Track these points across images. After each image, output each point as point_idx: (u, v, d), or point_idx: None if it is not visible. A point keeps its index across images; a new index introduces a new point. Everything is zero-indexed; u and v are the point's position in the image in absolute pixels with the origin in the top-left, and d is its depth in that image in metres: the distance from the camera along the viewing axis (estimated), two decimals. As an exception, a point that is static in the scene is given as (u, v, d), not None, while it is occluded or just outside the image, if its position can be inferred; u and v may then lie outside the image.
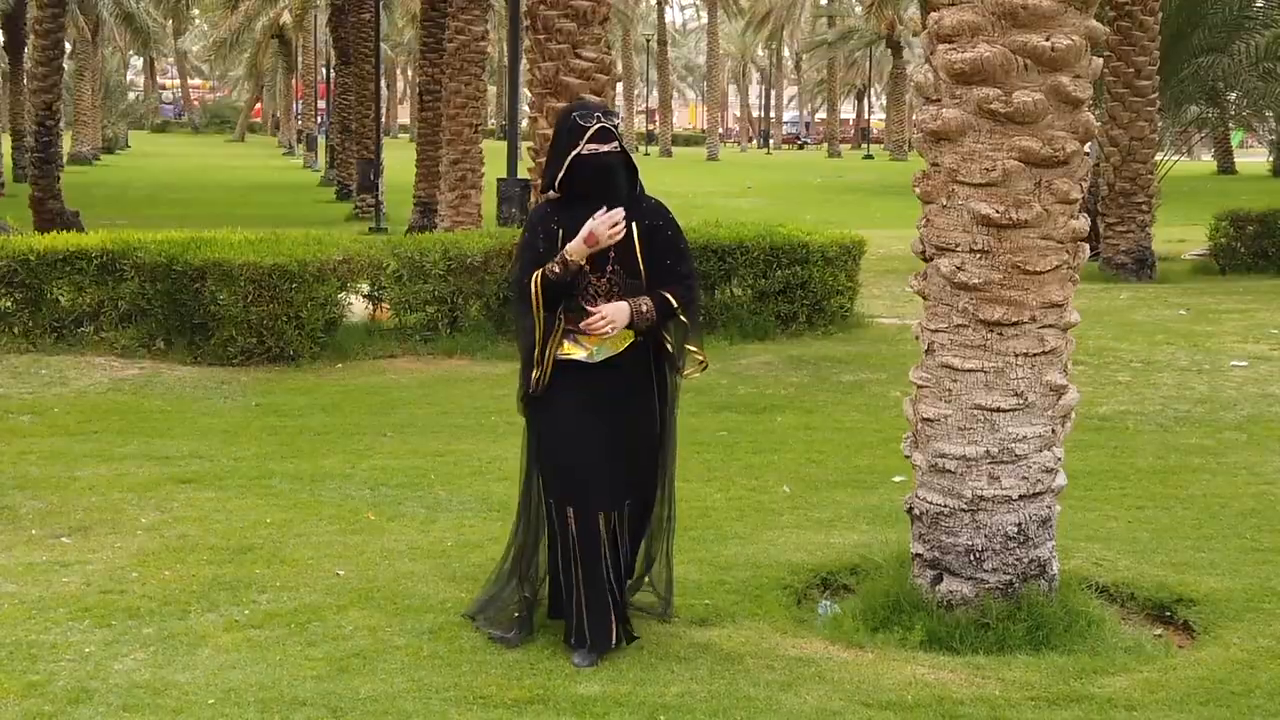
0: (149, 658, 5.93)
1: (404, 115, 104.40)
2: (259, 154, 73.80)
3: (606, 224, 5.85)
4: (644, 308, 5.96)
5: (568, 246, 5.92)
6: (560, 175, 5.99)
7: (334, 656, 5.97)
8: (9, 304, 13.56)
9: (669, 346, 6.15)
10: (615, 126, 6.05)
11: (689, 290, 6.09)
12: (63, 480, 8.90)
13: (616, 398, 6.03)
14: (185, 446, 9.97)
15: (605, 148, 5.97)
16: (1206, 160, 61.83)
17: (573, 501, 5.92)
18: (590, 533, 5.90)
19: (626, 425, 6.02)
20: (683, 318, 6.06)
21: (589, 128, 5.93)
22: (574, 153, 5.96)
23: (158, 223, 18.62)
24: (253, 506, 8.35)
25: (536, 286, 5.92)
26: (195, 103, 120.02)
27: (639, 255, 5.96)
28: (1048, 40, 6.15)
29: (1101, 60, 6.51)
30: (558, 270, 5.91)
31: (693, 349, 6.19)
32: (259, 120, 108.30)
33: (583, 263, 5.93)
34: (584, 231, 5.86)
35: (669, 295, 5.99)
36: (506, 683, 5.69)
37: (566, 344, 6.01)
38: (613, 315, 5.90)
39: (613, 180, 6.00)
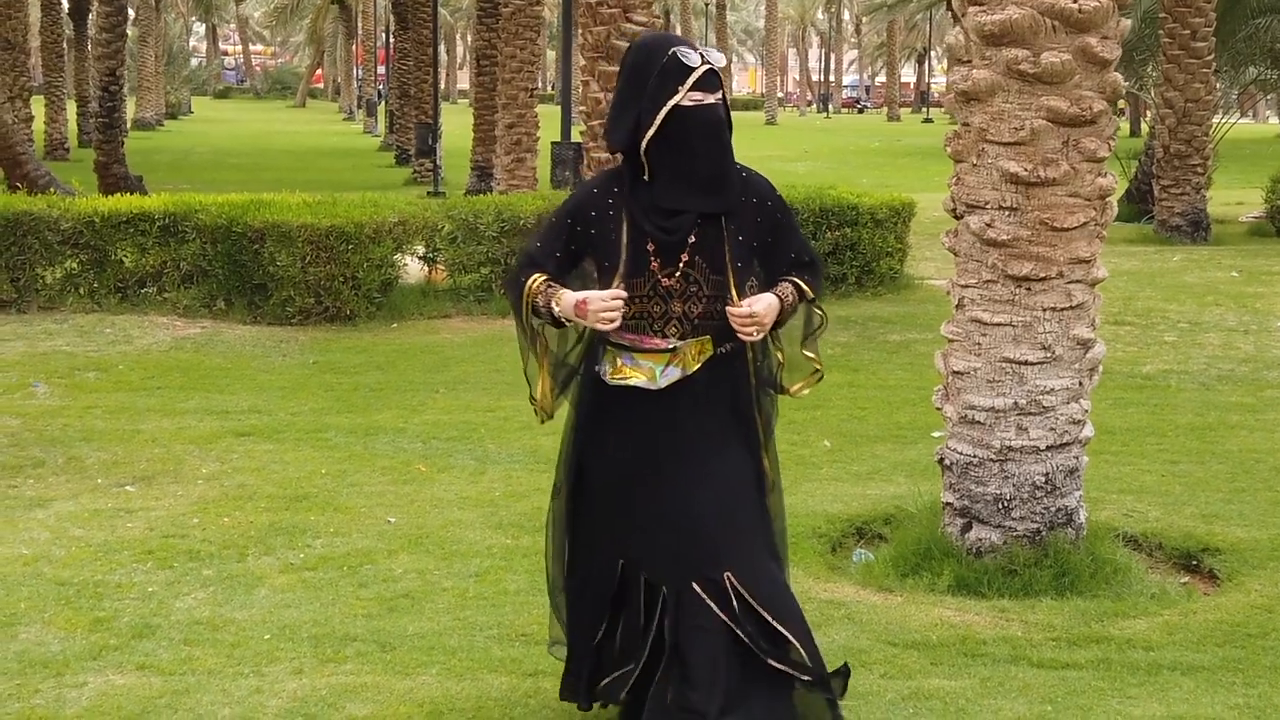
0: (208, 597, 6.24)
1: (463, 80, 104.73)
2: (319, 119, 74.36)
3: (602, 306, 4.28)
4: (789, 298, 4.46)
5: (561, 302, 4.34)
6: (650, 133, 4.27)
7: (384, 597, 6.25)
8: (75, 265, 13.92)
9: (778, 356, 4.59)
10: (723, 69, 4.43)
11: (814, 270, 4.59)
12: (127, 433, 9.23)
13: (692, 437, 4.41)
14: (244, 402, 10.29)
15: (711, 98, 4.29)
16: (1272, 123, 61.22)
17: (617, 566, 4.49)
18: (632, 599, 4.49)
19: (708, 477, 4.39)
20: (818, 309, 4.58)
21: (694, 69, 4.26)
22: (671, 102, 4.25)
23: (220, 187, 18.94)
24: (308, 458, 8.66)
25: (527, 301, 4.43)
26: (257, 69, 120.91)
27: (727, 247, 4.34)
28: (1075, 2, 6.31)
29: (1129, 21, 6.64)
30: (542, 311, 4.42)
31: (811, 356, 4.62)
32: (320, 86, 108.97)
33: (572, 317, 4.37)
34: (580, 297, 4.31)
35: (800, 282, 4.49)
36: (548, 622, 5.94)
37: (620, 363, 4.40)
38: (763, 313, 4.35)
39: (721, 147, 4.32)
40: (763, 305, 4.37)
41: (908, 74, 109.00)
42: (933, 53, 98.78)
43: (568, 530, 4.64)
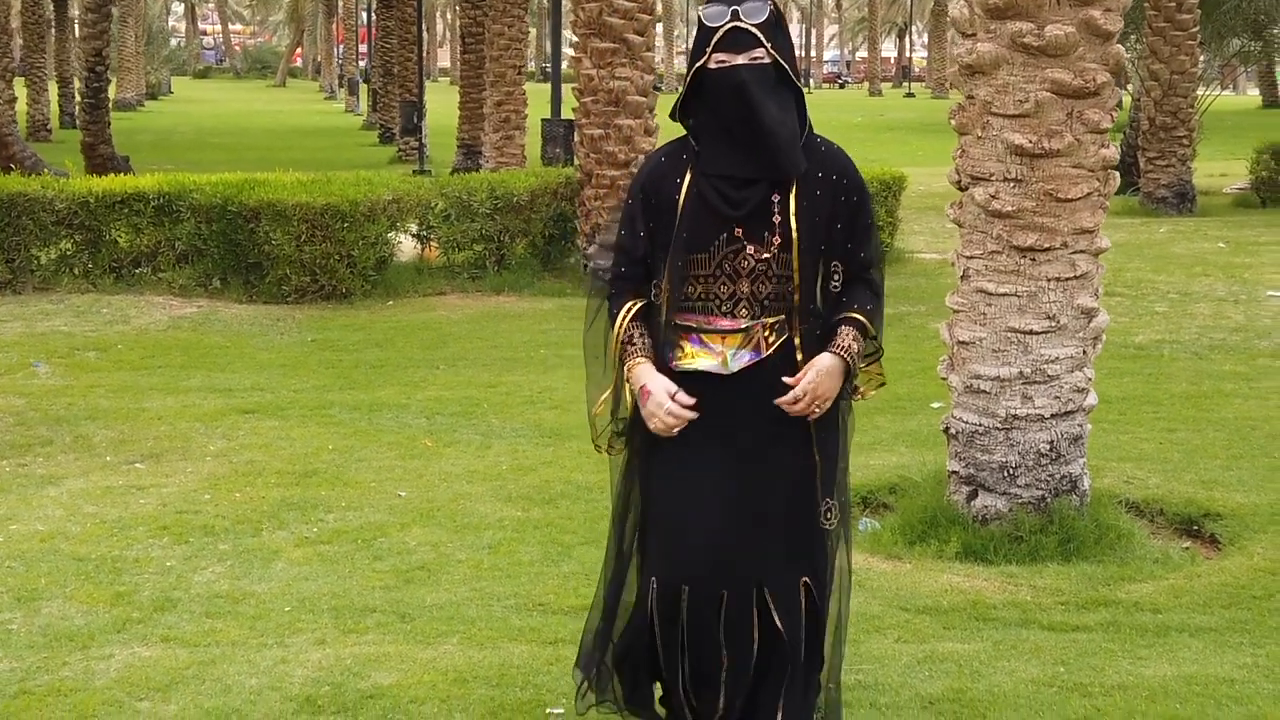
0: (226, 571, 6.31)
1: (443, 59, 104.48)
2: (300, 99, 74.16)
3: (659, 409, 4.01)
4: (855, 349, 4.05)
5: (633, 373, 4.07)
6: (681, 99, 4.08)
7: (400, 569, 6.33)
8: (69, 246, 13.94)
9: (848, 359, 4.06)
10: (763, 25, 3.95)
11: (876, 293, 4.13)
12: (132, 411, 9.29)
13: (759, 429, 4.05)
14: (246, 379, 10.34)
15: (740, 59, 3.92)
16: (1252, 95, 61.40)
17: (676, 577, 4.06)
18: (700, 622, 4.07)
19: (770, 472, 4.06)
20: (875, 334, 4.13)
21: (716, 29, 3.94)
22: (695, 66, 4.00)
23: (205, 167, 18.95)
24: (314, 434, 8.72)
25: (619, 333, 4.11)
26: (236, 48, 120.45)
27: (794, 221, 3.96)
28: (1078, -25, 6.39)
29: (1131, -6, 6.73)
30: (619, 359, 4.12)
31: (875, 368, 4.26)
32: (299, 65, 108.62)
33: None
34: (646, 383, 4.05)
35: (859, 315, 4.05)
36: (563, 592, 6.03)
37: (688, 347, 4.06)
38: (826, 388, 3.99)
39: (752, 111, 3.90)
40: (825, 373, 3.98)
41: (889, 49, 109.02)
42: (914, 27, 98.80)
43: (638, 550, 4.23)
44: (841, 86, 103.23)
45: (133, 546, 6.61)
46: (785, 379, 4.00)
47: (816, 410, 4.00)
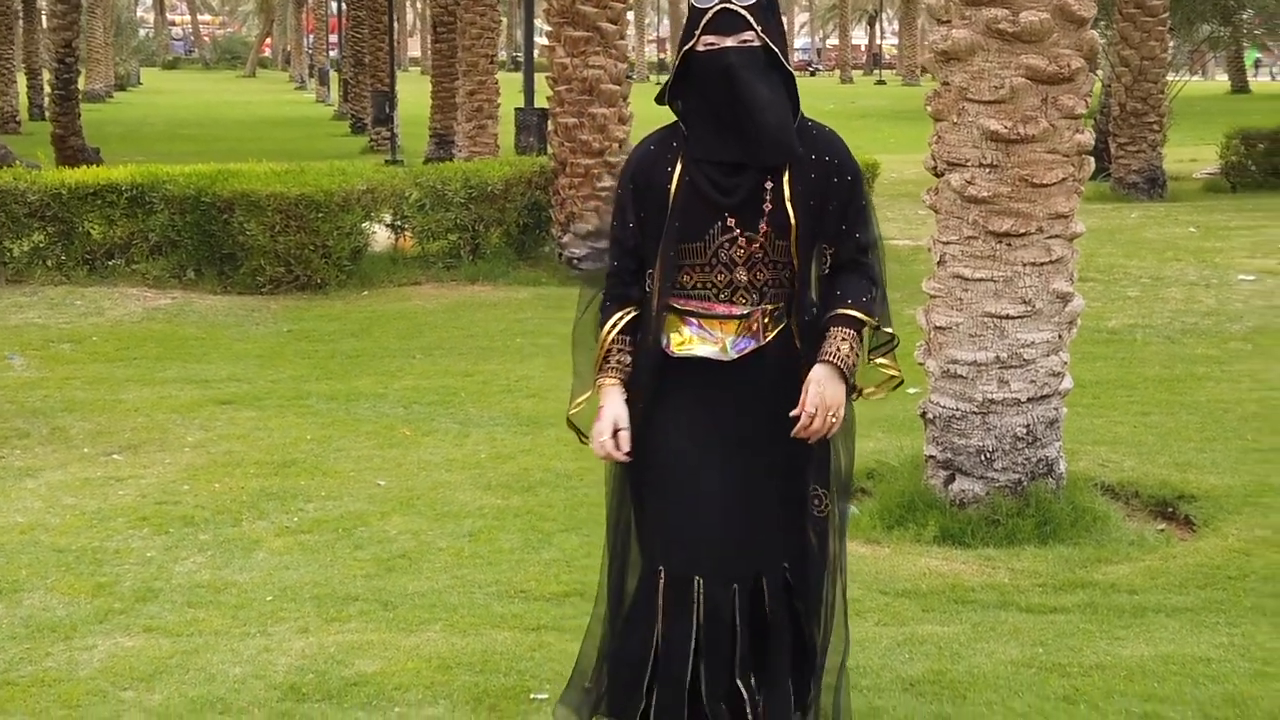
0: (207, 561, 6.32)
1: (413, 48, 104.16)
2: (270, 89, 73.88)
3: (597, 440, 3.96)
4: (846, 351, 3.88)
5: (602, 391, 3.99)
6: (669, 83, 3.97)
7: (381, 557, 6.35)
8: (42, 238, 13.88)
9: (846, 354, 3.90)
10: (753, 7, 3.85)
11: (873, 279, 3.98)
12: (108, 403, 9.27)
13: (758, 415, 3.95)
14: (223, 370, 10.33)
15: (729, 41, 3.83)
16: (1221, 80, 61.69)
17: (672, 564, 3.92)
18: (682, 611, 3.92)
19: (767, 459, 3.95)
20: (886, 328, 4.00)
21: (705, 10, 3.86)
22: (684, 48, 3.92)
23: (176, 158, 18.93)
24: (292, 425, 8.72)
25: (603, 344, 4.02)
26: (205, 38, 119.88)
27: (789, 207, 3.85)
28: (1052, -39, 6.43)
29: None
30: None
31: (885, 363, 4.09)
32: (269, 55, 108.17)
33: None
34: (601, 414, 3.98)
35: (853, 312, 3.88)
36: (545, 579, 6.06)
37: (686, 332, 3.96)
38: (831, 396, 3.83)
39: (740, 94, 3.81)
40: (830, 389, 3.81)
41: (859, 36, 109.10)
42: (884, 14, 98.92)
43: (621, 506, 4.12)
44: (812, 74, 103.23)
45: (113, 538, 6.61)
46: (791, 413, 3.83)
47: (834, 421, 3.84)
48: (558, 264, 14.77)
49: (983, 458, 6.68)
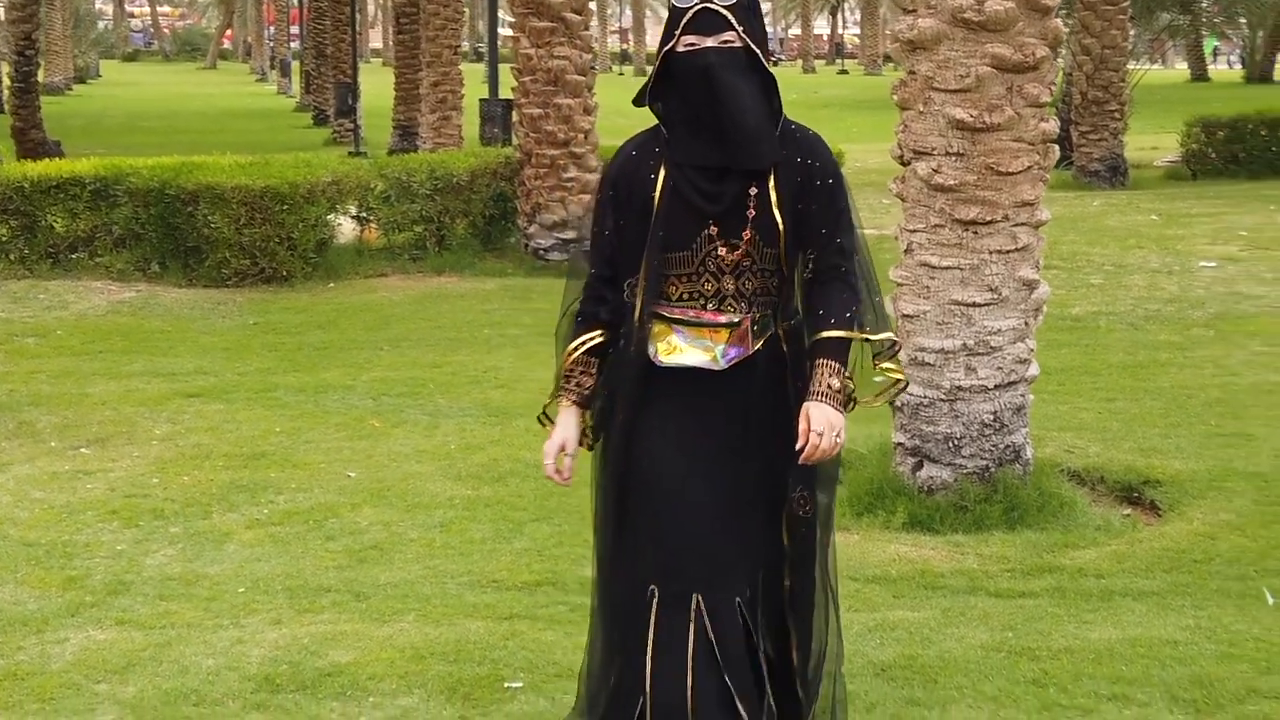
0: (178, 553, 6.31)
1: (375, 40, 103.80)
2: (231, 81, 73.47)
3: (545, 459, 3.97)
4: (837, 386, 3.76)
5: (558, 410, 4.02)
6: (649, 85, 3.87)
7: (352, 549, 6.35)
8: (4, 231, 13.78)
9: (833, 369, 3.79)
10: (734, 7, 3.76)
11: (854, 287, 3.86)
12: (75, 396, 9.24)
13: (748, 422, 3.87)
14: (189, 363, 10.30)
15: (709, 41, 3.74)
16: (1180, 69, 62.03)
17: (662, 581, 3.80)
18: (676, 628, 3.78)
19: (755, 466, 3.85)
20: (867, 335, 3.85)
21: (686, 10, 3.76)
22: (664, 49, 3.80)
23: (137, 151, 18.75)
24: (260, 417, 8.71)
25: (565, 362, 4.00)
26: (165, 30, 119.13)
27: (777, 213, 3.77)
28: (1016, -49, 6.47)
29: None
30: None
31: (890, 366, 3.95)
32: (230, 47, 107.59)
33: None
34: (553, 433, 4.01)
35: (839, 333, 3.77)
36: (517, 568, 6.08)
37: (674, 340, 3.85)
38: (829, 420, 3.71)
39: (719, 96, 3.73)
40: (828, 419, 3.70)
41: (821, 26, 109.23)
42: (846, 4, 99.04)
43: (609, 522, 3.97)
44: (775, 64, 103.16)
45: (82, 531, 6.60)
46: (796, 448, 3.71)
47: (838, 441, 3.73)
48: (524, 255, 14.77)
49: (950, 445, 6.72)
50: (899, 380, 4.00)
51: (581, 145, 14.55)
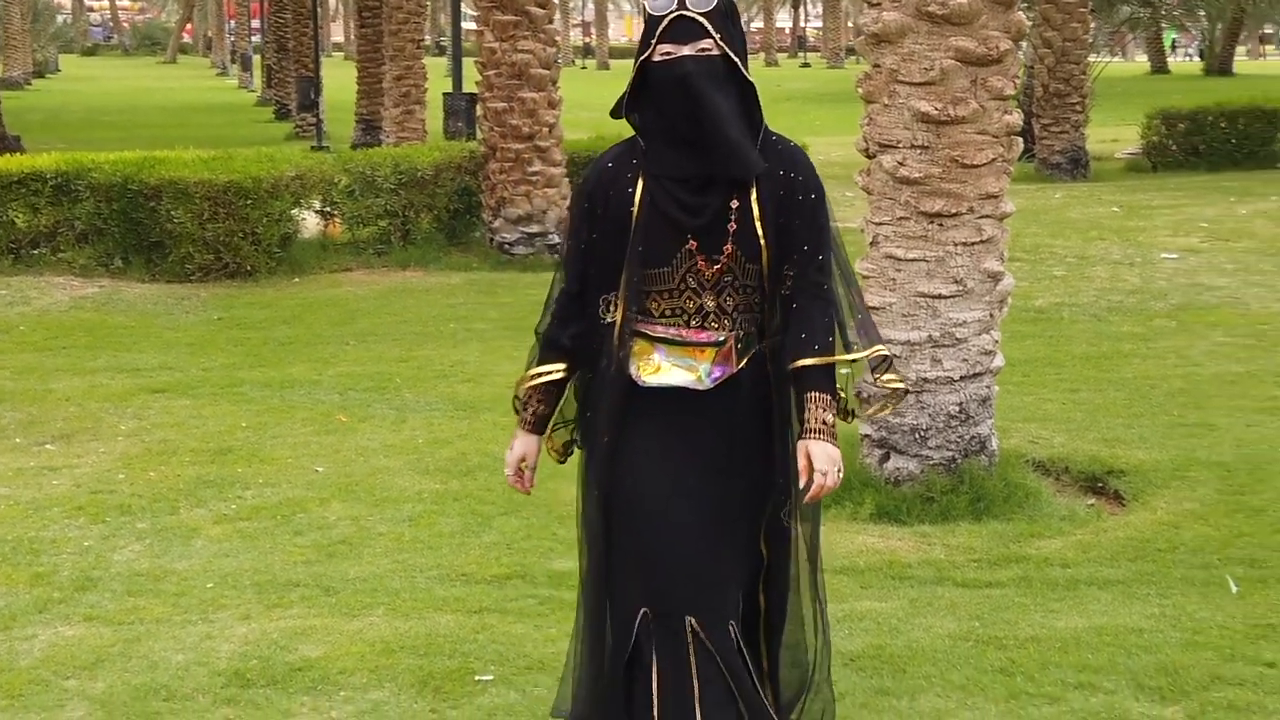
0: (146, 549, 6.30)
1: (336, 33, 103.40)
2: (192, 75, 73.09)
3: (507, 470, 4.00)
4: (830, 420, 3.68)
5: (517, 434, 3.97)
6: (626, 95, 3.73)
7: (321, 544, 6.35)
8: (-35, 227, 13.72)
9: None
10: (711, 14, 3.62)
11: (835, 303, 3.75)
12: (39, 392, 9.19)
13: (733, 441, 3.75)
14: (154, 359, 10.26)
15: (686, 50, 3.61)
16: (1140, 61, 62.35)
17: (651, 605, 3.70)
18: (676, 653, 3.70)
19: (740, 485, 3.74)
20: (854, 357, 3.76)
21: (662, 18, 3.64)
22: (640, 58, 3.69)
23: (98, 145, 18.66)
24: (226, 412, 8.68)
25: (520, 392, 3.93)
26: (125, 24, 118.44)
27: (759, 227, 3.64)
28: (980, -55, 6.50)
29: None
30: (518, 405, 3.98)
31: (890, 378, 3.90)
32: (190, 41, 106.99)
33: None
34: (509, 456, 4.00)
35: (823, 360, 3.65)
36: (486, 562, 6.09)
37: (656, 359, 3.73)
38: (826, 455, 3.65)
39: (697, 106, 3.59)
40: (828, 455, 3.64)
41: (783, 19, 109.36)
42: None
43: (596, 542, 3.84)
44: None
45: (49, 527, 6.57)
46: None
47: (840, 476, 3.68)
48: (489, 249, 14.76)
49: (917, 436, 6.76)
50: (899, 389, 3.93)
51: (546, 139, 14.54)
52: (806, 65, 79.32)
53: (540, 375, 3.90)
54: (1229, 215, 17.05)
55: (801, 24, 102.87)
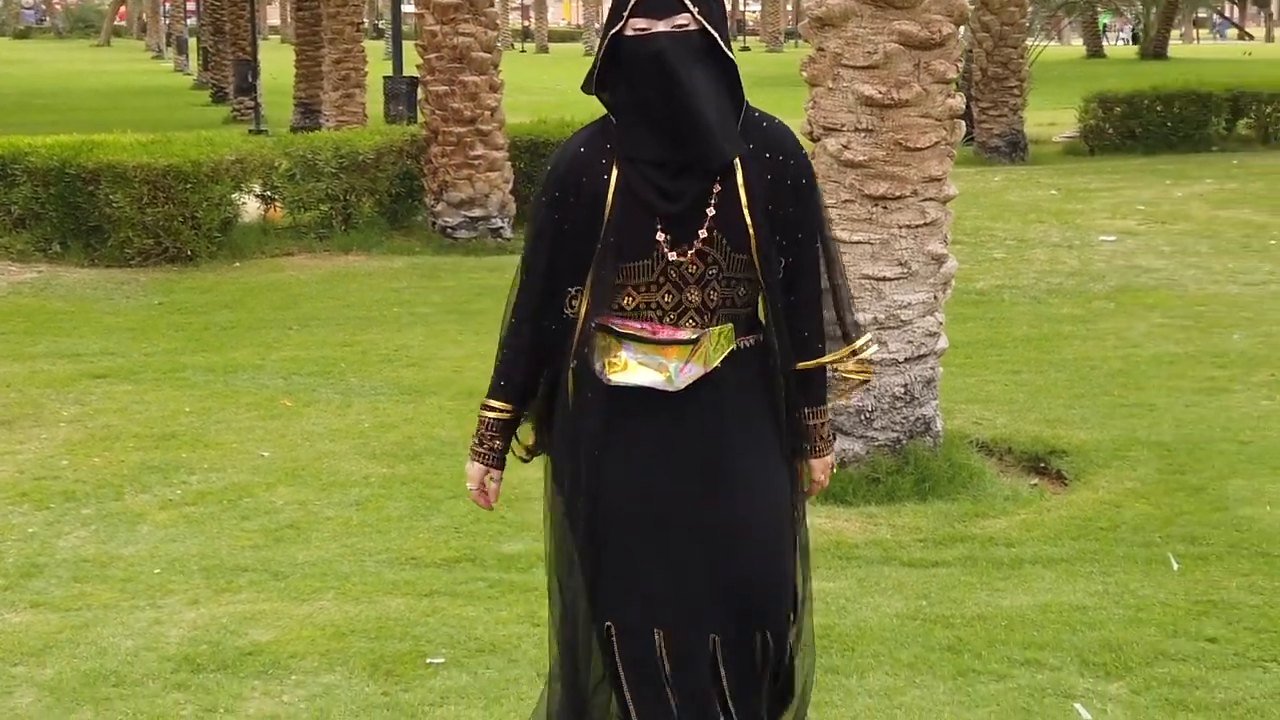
0: (91, 535, 6.26)
1: (272, 16, 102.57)
2: (126, 58, 72.30)
3: (471, 485, 3.79)
4: (827, 434, 3.59)
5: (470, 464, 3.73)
6: (596, 71, 3.46)
7: (268, 528, 6.33)
8: (-101, 211, 13.56)
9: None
10: None
11: (837, 295, 3.56)
12: (-22, 379, 9.12)
13: (717, 441, 3.48)
14: (94, 344, 10.18)
15: (661, 25, 3.33)
16: (1076, 45, 62.82)
17: (626, 620, 3.49)
18: (647, 671, 3.49)
19: (737, 495, 3.46)
20: (855, 351, 3.59)
21: None
22: (610, 31, 3.41)
23: (33, 129, 18.44)
24: (170, 398, 8.63)
25: (481, 430, 3.64)
26: (57, 7, 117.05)
27: (747, 214, 3.37)
28: (923, -71, 6.54)
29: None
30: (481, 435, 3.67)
31: (852, 372, 3.65)
32: (124, 24, 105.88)
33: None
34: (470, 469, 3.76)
35: (825, 359, 3.51)
36: (435, 545, 6.09)
37: (623, 356, 3.45)
38: (824, 470, 3.63)
39: (673, 86, 3.32)
40: (819, 465, 3.59)
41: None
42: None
43: (591, 585, 3.53)
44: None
45: (-8, 514, 6.53)
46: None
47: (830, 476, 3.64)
48: (431, 233, 14.72)
49: (862, 417, 6.81)
50: (864, 377, 3.70)
51: (488, 123, 14.51)
52: (746, 49, 79.32)
53: (498, 413, 3.62)
54: (1165, 198, 17.23)
55: (740, 8, 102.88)
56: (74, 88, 46.47)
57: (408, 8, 32.15)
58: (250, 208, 14.73)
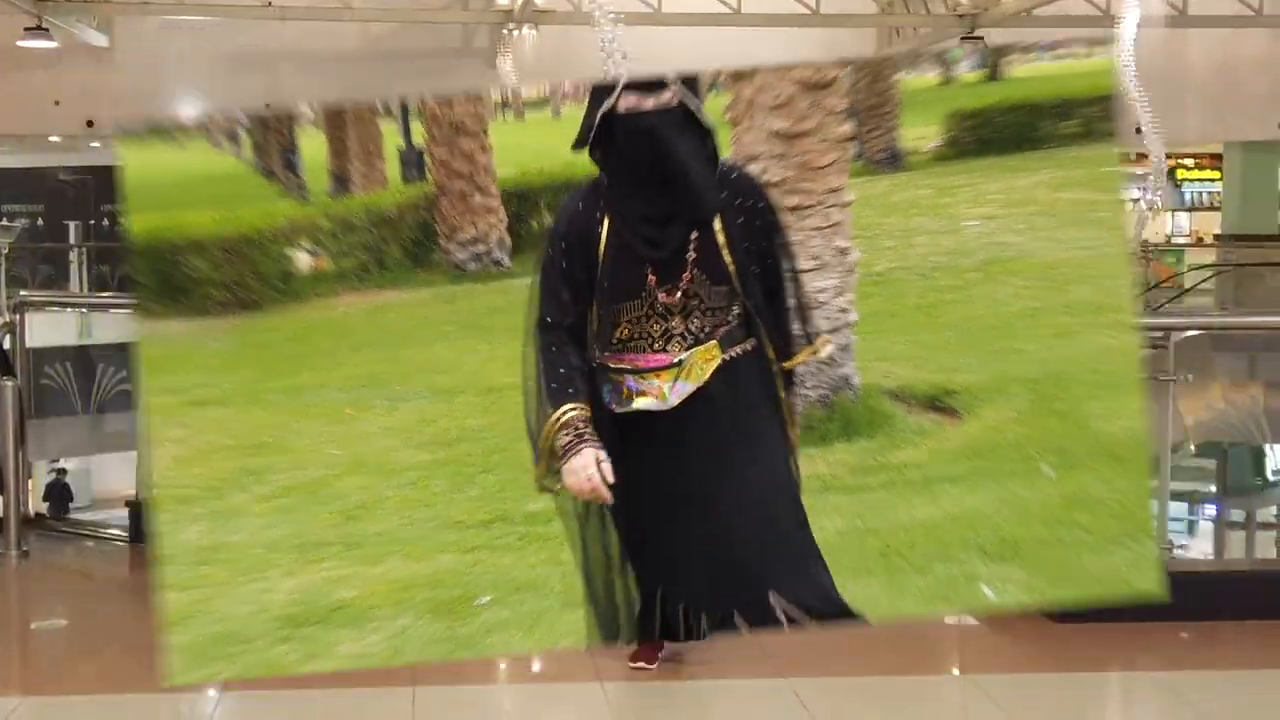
0: (204, 529, 6.23)
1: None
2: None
3: (581, 474, 3.42)
4: (796, 406, 3.28)
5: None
6: (589, 136, 3.31)
7: (343, 510, 6.35)
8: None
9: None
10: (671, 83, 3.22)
11: (800, 308, 3.47)
12: (103, 415, 9.06)
13: (715, 452, 3.44)
14: (190, 379, 10.08)
15: (649, 103, 3.22)
16: (935, 75, 62.87)
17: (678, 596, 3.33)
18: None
19: (740, 491, 3.40)
20: (817, 350, 3.50)
21: (621, 74, 3.28)
22: (602, 108, 3.26)
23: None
24: (255, 415, 8.62)
25: (549, 434, 3.39)
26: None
27: (727, 254, 3.30)
28: None
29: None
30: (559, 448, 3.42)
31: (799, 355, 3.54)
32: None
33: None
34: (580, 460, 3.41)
35: (793, 362, 3.39)
36: (474, 510, 6.11)
37: (626, 389, 3.41)
38: None
39: (663, 158, 3.23)
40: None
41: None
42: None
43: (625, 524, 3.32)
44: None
45: (125, 520, 6.50)
46: None
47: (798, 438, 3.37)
48: (447, 268, 14.64)
49: (797, 379, 6.83)
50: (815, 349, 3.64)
51: (483, 177, 14.44)
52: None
53: (569, 412, 3.42)
54: (1013, 188, 17.16)
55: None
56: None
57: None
58: (303, 261, 14.65)
